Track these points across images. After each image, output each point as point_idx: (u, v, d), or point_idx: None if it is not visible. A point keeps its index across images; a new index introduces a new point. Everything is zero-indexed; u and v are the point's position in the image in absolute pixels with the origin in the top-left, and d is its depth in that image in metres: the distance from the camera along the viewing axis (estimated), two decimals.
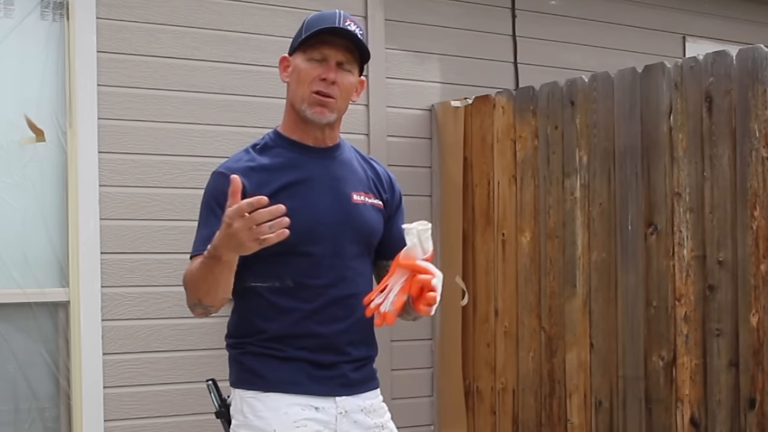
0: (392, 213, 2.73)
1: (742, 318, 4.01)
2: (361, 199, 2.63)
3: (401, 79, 5.14)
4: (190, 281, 2.48)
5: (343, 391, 2.58)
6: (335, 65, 2.55)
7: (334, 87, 2.55)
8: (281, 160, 2.59)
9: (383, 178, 2.73)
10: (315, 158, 2.61)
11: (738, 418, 4.03)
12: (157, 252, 4.48)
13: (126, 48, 4.46)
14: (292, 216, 2.37)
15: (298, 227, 2.45)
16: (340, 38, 2.54)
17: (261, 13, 4.79)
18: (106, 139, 4.39)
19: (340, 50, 2.55)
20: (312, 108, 2.56)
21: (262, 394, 2.54)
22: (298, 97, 2.58)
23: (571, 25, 5.74)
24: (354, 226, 2.59)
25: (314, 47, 2.55)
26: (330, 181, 2.60)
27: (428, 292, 2.39)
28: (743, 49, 4.06)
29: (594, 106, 4.57)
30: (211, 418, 2.74)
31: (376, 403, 2.66)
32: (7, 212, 4.25)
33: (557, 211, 4.70)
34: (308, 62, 2.56)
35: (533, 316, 4.80)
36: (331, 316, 2.55)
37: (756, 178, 3.97)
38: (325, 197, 2.57)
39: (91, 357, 4.31)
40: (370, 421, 2.61)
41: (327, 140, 2.63)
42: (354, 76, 2.60)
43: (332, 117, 2.58)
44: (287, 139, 2.62)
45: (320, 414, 2.54)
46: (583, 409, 4.58)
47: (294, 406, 2.52)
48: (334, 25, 2.53)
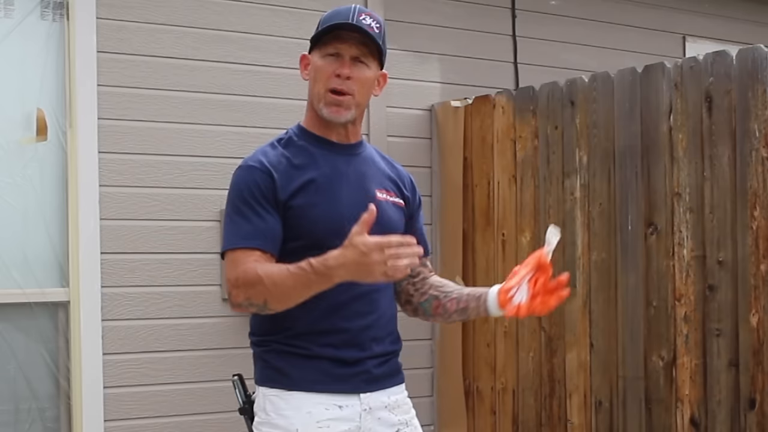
0: (413, 212, 2.74)
1: (742, 318, 4.01)
2: (384, 197, 2.63)
3: (401, 79, 5.14)
4: (270, 284, 2.42)
5: (366, 387, 2.57)
6: (350, 60, 2.55)
7: (350, 82, 2.54)
8: (307, 155, 2.58)
9: (405, 178, 2.74)
10: (340, 154, 2.61)
11: (738, 418, 4.03)
12: (157, 252, 4.48)
13: (126, 48, 4.46)
14: (319, 211, 2.43)
15: (324, 222, 2.50)
16: (354, 33, 2.54)
17: (261, 13, 4.79)
18: (106, 139, 4.39)
19: (354, 44, 2.55)
20: (328, 108, 2.57)
21: (286, 393, 2.53)
22: (315, 95, 2.58)
23: (571, 25, 5.74)
24: (378, 223, 2.58)
25: (328, 43, 2.56)
26: (355, 178, 2.60)
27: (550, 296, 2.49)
28: (743, 49, 4.06)
29: (594, 106, 4.57)
30: (212, 418, 2.75)
31: (401, 398, 2.65)
32: (7, 212, 4.25)
33: (557, 211, 4.70)
34: (323, 59, 2.56)
35: (533, 317, 4.79)
36: (355, 312, 2.55)
37: (756, 178, 3.97)
38: (349, 193, 2.57)
39: (91, 357, 4.31)
40: (394, 418, 2.60)
41: (351, 137, 2.64)
42: (372, 70, 2.59)
43: (349, 115, 2.58)
44: (311, 134, 2.62)
45: (344, 412, 2.53)
46: (583, 409, 4.58)
47: (318, 405, 2.51)
48: (346, 20, 2.54)
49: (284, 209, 2.51)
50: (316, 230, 2.49)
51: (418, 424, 2.69)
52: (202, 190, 4.55)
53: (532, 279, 2.47)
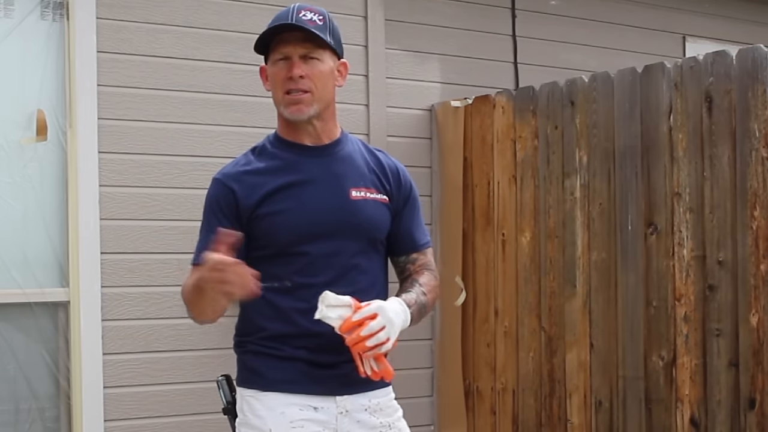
0: (399, 207, 2.69)
1: (742, 318, 4.01)
2: (362, 195, 2.61)
3: (401, 79, 5.14)
4: (185, 298, 2.52)
5: (344, 390, 2.57)
6: (299, 59, 2.55)
7: (305, 80, 2.55)
8: (277, 162, 2.60)
9: (389, 171, 2.69)
10: (312, 157, 2.61)
11: (738, 418, 4.03)
12: (157, 252, 4.48)
13: (126, 48, 4.46)
14: (285, 217, 2.46)
15: (292, 228, 2.52)
16: (296, 31, 2.54)
17: (261, 13, 4.78)
18: (106, 139, 4.39)
19: (298, 44, 2.55)
20: (288, 108, 2.58)
21: (261, 393, 2.55)
22: (277, 101, 2.61)
23: (571, 25, 5.74)
24: (353, 224, 2.58)
25: (275, 48, 2.58)
26: (328, 180, 2.59)
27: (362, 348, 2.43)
28: (743, 49, 4.06)
29: (594, 106, 4.57)
30: (212, 418, 2.75)
31: (384, 401, 2.63)
32: (7, 212, 4.25)
33: (557, 211, 4.70)
34: (274, 65, 2.59)
35: (533, 316, 4.80)
36: None
37: (756, 178, 3.97)
38: (321, 196, 2.57)
39: (91, 357, 4.31)
40: (375, 420, 2.59)
41: (323, 136, 2.63)
42: (326, 62, 2.58)
43: (312, 110, 2.57)
44: (284, 140, 2.64)
45: (319, 414, 2.54)
46: (583, 409, 4.58)
47: (291, 405, 2.52)
48: (285, 21, 2.55)
49: (250, 219, 2.54)
50: (280, 238, 2.52)
51: (405, 425, 2.67)
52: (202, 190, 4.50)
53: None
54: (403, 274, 2.73)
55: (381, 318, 2.42)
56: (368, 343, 2.40)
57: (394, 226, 2.67)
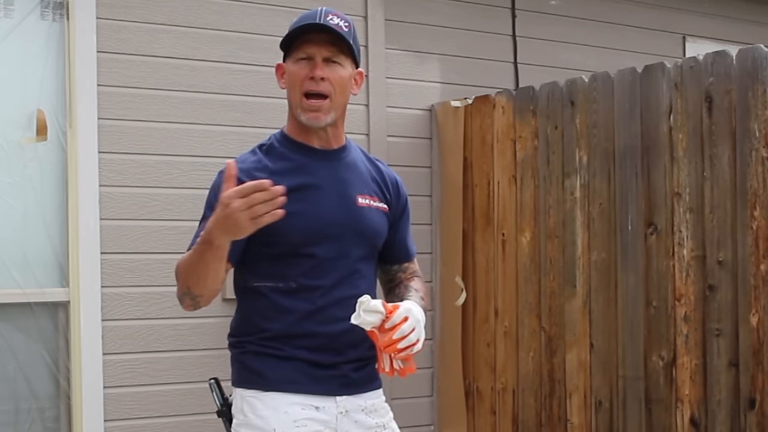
0: (396, 217, 2.73)
1: (742, 318, 4.01)
2: (366, 203, 2.63)
3: (401, 79, 5.14)
4: (181, 269, 2.49)
5: (343, 390, 2.58)
6: (323, 61, 2.54)
7: (325, 83, 2.54)
8: (287, 163, 2.59)
9: (389, 182, 2.73)
10: (321, 161, 2.61)
11: (738, 418, 4.03)
12: (157, 252, 4.48)
13: (126, 48, 4.46)
14: (297, 219, 2.45)
15: (302, 230, 2.52)
16: (323, 34, 2.54)
17: (261, 13, 4.79)
18: (106, 139, 4.39)
19: (324, 45, 2.54)
20: (306, 114, 2.57)
21: (263, 393, 2.55)
22: (293, 102, 2.59)
23: (571, 25, 5.74)
24: (358, 229, 2.60)
25: (299, 48, 2.56)
26: (336, 185, 2.60)
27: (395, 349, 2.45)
28: (743, 49, 4.06)
29: (594, 106, 4.57)
30: (211, 418, 2.74)
31: (378, 403, 2.66)
32: (7, 212, 4.25)
33: (557, 211, 4.70)
34: (296, 63, 2.57)
35: (533, 316, 4.80)
36: (332, 317, 2.56)
37: (756, 178, 3.97)
38: (330, 200, 2.58)
39: (91, 357, 4.31)
40: (371, 421, 2.62)
41: (332, 141, 2.64)
42: (346, 69, 2.58)
43: (328, 119, 2.58)
44: (293, 141, 2.63)
45: (320, 413, 2.55)
46: (583, 409, 4.58)
47: (294, 405, 2.53)
48: (313, 21, 2.54)
49: None
50: (292, 238, 2.51)
51: (396, 426, 2.69)
52: (202, 190, 4.51)
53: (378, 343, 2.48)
54: (392, 281, 2.77)
55: (411, 320, 2.45)
56: (400, 345, 2.44)
57: (391, 236, 2.71)
